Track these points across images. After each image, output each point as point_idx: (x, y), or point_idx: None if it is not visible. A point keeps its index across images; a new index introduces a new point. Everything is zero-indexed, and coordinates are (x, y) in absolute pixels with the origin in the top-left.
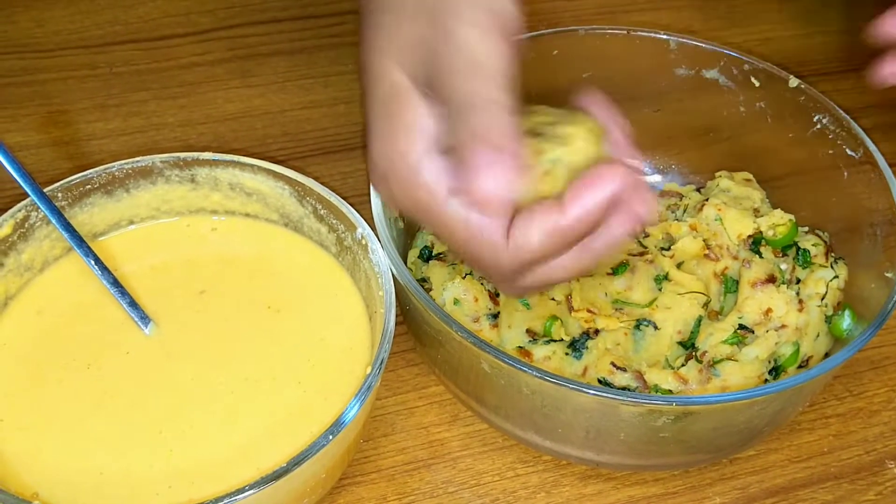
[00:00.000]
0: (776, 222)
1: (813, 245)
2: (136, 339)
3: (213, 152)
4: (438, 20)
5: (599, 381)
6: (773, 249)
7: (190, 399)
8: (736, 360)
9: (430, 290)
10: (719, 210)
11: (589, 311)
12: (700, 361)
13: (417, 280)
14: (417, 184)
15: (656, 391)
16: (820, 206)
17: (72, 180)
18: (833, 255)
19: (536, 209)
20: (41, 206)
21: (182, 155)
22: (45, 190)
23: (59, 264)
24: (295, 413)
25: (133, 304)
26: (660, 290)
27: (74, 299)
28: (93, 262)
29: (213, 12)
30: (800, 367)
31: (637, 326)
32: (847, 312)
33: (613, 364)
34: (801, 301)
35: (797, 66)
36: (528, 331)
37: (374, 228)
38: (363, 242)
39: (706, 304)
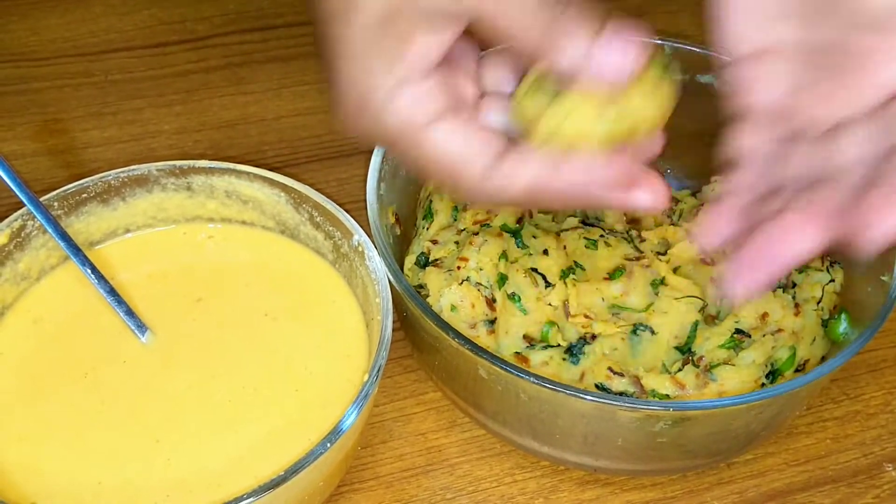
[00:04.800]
0: None
1: None
2: (133, 348)
3: (209, 160)
4: None
5: (597, 387)
6: None
7: (187, 407)
8: (733, 365)
9: (427, 296)
10: None
11: (586, 316)
12: (697, 366)
13: (414, 286)
14: (395, 110)
15: (654, 396)
16: None
17: (68, 189)
18: (829, 258)
19: (531, 157)
20: (37, 216)
21: (178, 163)
22: (41, 199)
23: (55, 273)
24: (293, 421)
25: (130, 313)
26: (656, 294)
27: (71, 308)
28: (89, 271)
29: (208, 20)
30: (797, 370)
31: (634, 331)
32: (843, 316)
33: (611, 369)
34: (797, 305)
35: None
36: (525, 336)
37: (370, 235)
38: (360, 249)
39: (703, 309)
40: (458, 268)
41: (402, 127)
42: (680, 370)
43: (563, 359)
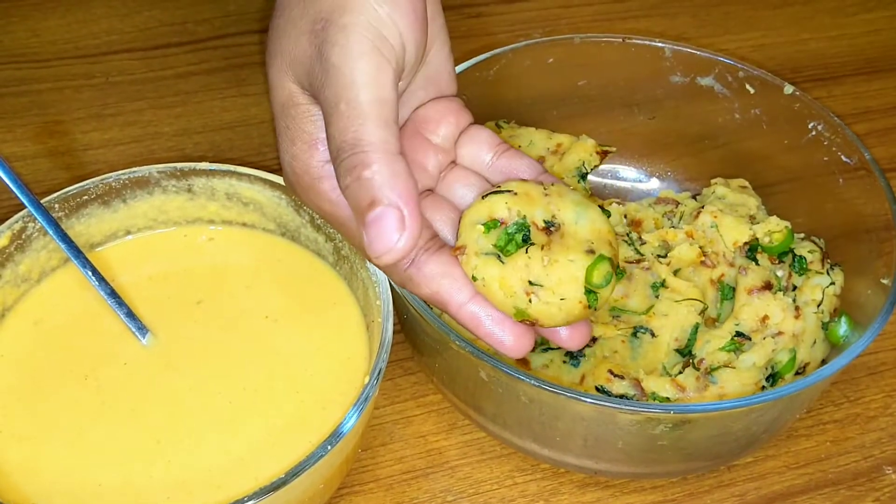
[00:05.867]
0: (772, 229)
1: (809, 252)
2: (133, 350)
3: (210, 162)
4: (319, 39)
5: (597, 389)
6: (770, 256)
7: (188, 409)
8: (733, 368)
9: None
10: (715, 217)
11: None
12: (697, 369)
13: None
14: (320, 196)
15: (654, 399)
16: (815, 213)
17: (69, 191)
18: (829, 261)
19: (448, 276)
20: (38, 218)
21: (179, 165)
22: (42, 201)
23: (56, 275)
24: (293, 423)
25: (130, 315)
26: (657, 297)
27: (72, 310)
28: (90, 273)
29: (208, 21)
30: (797, 373)
31: (634, 334)
32: (843, 319)
33: (611, 372)
34: (797, 308)
35: (791, 72)
36: None
37: None
38: None
39: (703, 312)
40: None
41: (331, 208)
42: (680, 373)
43: (564, 361)
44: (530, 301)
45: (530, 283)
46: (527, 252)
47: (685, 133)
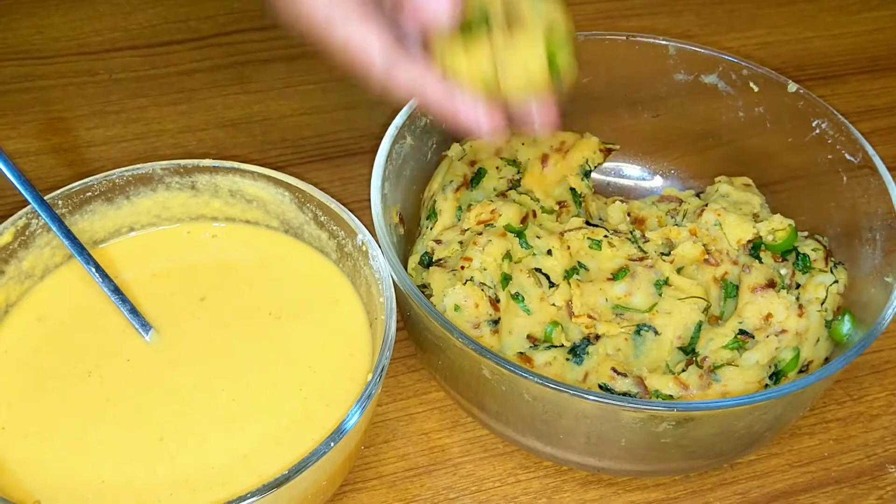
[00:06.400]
0: (776, 227)
1: (812, 250)
2: (137, 347)
3: (213, 159)
4: None
5: (600, 387)
6: (773, 254)
7: (191, 406)
8: (736, 366)
9: (431, 296)
10: (719, 215)
11: (589, 316)
12: (701, 367)
13: (418, 286)
14: (303, 2)
15: (657, 397)
16: (819, 211)
17: (72, 188)
18: (833, 259)
19: (422, 66)
20: (42, 214)
21: (182, 162)
22: (45, 197)
23: (59, 271)
24: (296, 420)
25: (134, 311)
26: (660, 295)
27: (75, 306)
28: (93, 270)
29: (212, 18)
30: (800, 371)
31: (637, 332)
32: (847, 317)
33: (614, 369)
34: (801, 306)
35: (795, 70)
36: (528, 336)
37: (374, 235)
38: (364, 249)
39: (706, 310)
40: (462, 268)
41: (309, 20)
42: (683, 371)
43: (567, 359)
44: (497, 79)
45: (496, 64)
46: (489, 37)
47: (689, 131)
